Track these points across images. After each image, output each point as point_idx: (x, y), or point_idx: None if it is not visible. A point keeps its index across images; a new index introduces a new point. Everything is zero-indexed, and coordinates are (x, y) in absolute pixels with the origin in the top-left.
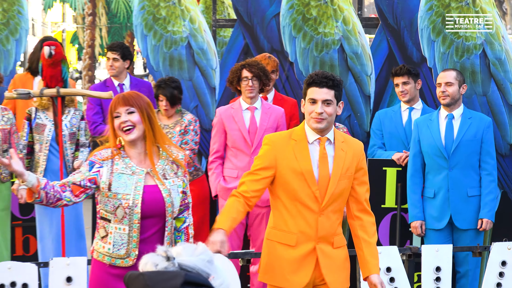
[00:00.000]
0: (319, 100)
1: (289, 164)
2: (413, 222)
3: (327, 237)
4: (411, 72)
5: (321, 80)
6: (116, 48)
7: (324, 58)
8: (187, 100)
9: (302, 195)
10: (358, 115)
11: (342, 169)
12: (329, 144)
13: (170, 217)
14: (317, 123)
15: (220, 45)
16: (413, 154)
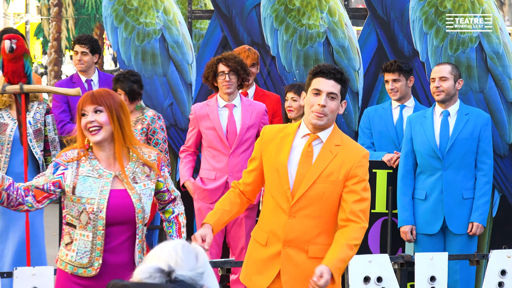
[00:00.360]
0: (324, 91)
1: (269, 157)
2: (403, 227)
3: (298, 243)
4: (403, 68)
5: (330, 71)
6: (85, 41)
7: (309, 52)
8: (161, 97)
9: (276, 192)
10: (345, 113)
11: (324, 171)
12: (319, 143)
13: (141, 223)
14: (317, 118)
15: (196, 38)
16: (405, 153)
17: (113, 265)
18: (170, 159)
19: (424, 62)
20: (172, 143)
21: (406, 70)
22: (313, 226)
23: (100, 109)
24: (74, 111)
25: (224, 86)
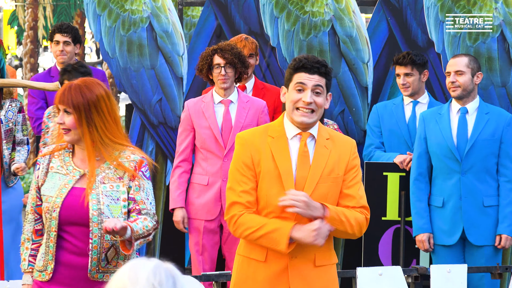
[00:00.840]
0: (308, 87)
1: (265, 165)
2: (419, 235)
3: (304, 252)
4: (416, 62)
5: (313, 65)
6: (67, 29)
7: (312, 42)
8: (149, 92)
9: (277, 201)
10: (353, 110)
11: (324, 170)
12: (311, 140)
13: (96, 227)
14: (304, 116)
15: (187, 26)
16: (418, 154)
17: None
18: (160, 161)
19: (440, 53)
20: (161, 143)
21: (420, 64)
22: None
23: (69, 110)
24: None
25: (219, 80)
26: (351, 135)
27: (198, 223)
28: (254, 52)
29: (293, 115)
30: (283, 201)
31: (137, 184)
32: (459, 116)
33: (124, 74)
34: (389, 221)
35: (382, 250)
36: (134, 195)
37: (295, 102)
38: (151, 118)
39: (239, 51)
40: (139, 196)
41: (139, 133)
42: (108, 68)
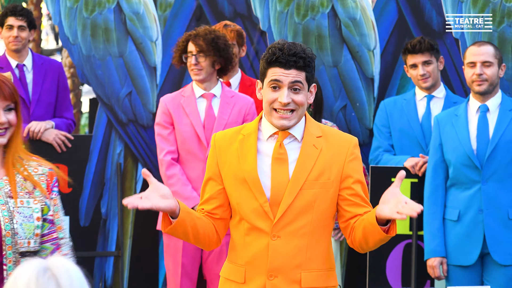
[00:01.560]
0: (284, 84)
1: (230, 169)
2: (430, 260)
3: (287, 270)
4: (434, 47)
5: (288, 59)
6: (22, 12)
7: (309, 26)
8: (116, 84)
9: (248, 210)
10: (356, 105)
11: (311, 173)
12: (292, 141)
13: (10, 250)
14: (284, 118)
15: (162, 7)
16: (434, 163)
17: None
18: (130, 165)
19: (458, 39)
20: (130, 144)
21: (437, 49)
22: (303, 246)
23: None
24: None
25: (191, 71)
26: (354, 134)
27: (175, 238)
28: (236, 41)
29: (272, 118)
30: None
31: (56, 204)
32: (479, 115)
33: (88, 63)
34: (398, 236)
35: (390, 270)
36: (53, 217)
37: (270, 102)
38: (119, 114)
39: (217, 36)
40: (58, 219)
41: (105, 132)
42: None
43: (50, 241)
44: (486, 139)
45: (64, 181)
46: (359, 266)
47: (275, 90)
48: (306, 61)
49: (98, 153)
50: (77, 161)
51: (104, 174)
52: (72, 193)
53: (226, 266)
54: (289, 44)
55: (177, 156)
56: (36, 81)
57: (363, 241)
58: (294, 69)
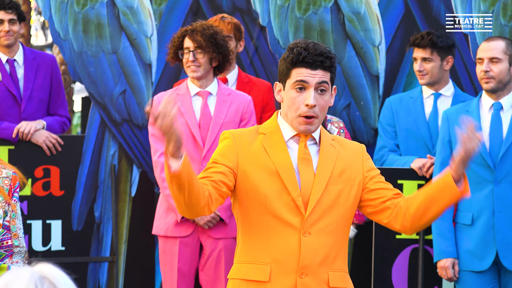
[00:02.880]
0: (311, 85)
1: (257, 161)
2: (441, 261)
3: (317, 268)
4: (437, 44)
5: (315, 58)
6: (12, 5)
7: (311, 21)
8: (110, 82)
9: (278, 204)
10: (361, 104)
11: (334, 169)
12: (313, 144)
13: None
14: (308, 124)
15: (157, 2)
16: (441, 161)
17: None
18: (124, 167)
19: (467, 35)
20: (125, 145)
21: (443, 47)
22: (331, 244)
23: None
24: None
25: (188, 68)
26: (358, 134)
27: (171, 242)
28: (233, 34)
29: (295, 123)
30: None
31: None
32: (492, 113)
33: (80, 60)
34: (405, 240)
35: (396, 275)
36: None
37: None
38: (113, 114)
39: (216, 32)
40: (14, 226)
41: (98, 133)
42: (60, 53)
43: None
44: (500, 139)
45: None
46: (364, 272)
47: (301, 92)
48: (332, 61)
49: (91, 154)
50: (69, 162)
51: (98, 176)
52: (64, 196)
53: (241, 267)
54: (313, 43)
55: None
56: (28, 76)
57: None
58: (321, 70)
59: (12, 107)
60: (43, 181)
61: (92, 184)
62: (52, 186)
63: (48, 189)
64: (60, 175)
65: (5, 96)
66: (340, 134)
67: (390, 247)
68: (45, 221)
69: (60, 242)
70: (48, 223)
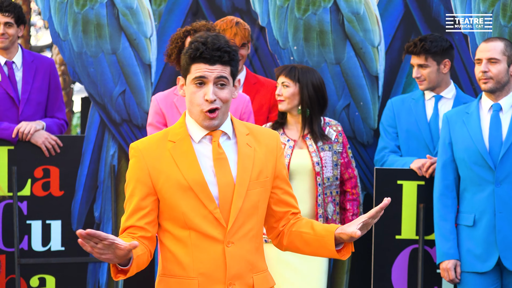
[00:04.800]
0: (210, 80)
1: (169, 178)
2: (443, 263)
3: (242, 276)
4: (430, 50)
5: (213, 54)
6: (9, 8)
7: (310, 21)
8: (109, 83)
9: (197, 219)
10: (360, 104)
11: (252, 172)
12: (227, 139)
13: None
14: (210, 119)
15: (157, 2)
16: (443, 163)
17: None
18: (124, 167)
19: (467, 35)
20: (125, 145)
21: (437, 52)
22: (253, 249)
23: None
24: None
25: None
26: (358, 135)
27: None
28: (247, 40)
29: (198, 118)
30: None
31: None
32: (491, 114)
33: (79, 60)
34: (404, 241)
35: (396, 276)
36: None
37: (198, 103)
38: (112, 114)
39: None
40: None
41: (98, 133)
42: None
43: None
44: (499, 140)
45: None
46: (364, 273)
47: (200, 87)
48: (231, 55)
49: (90, 155)
50: (69, 163)
51: (98, 177)
52: (64, 197)
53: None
54: (212, 37)
55: None
56: (26, 79)
57: (300, 250)
58: (219, 64)
59: (10, 110)
60: (43, 181)
61: (92, 184)
62: (52, 186)
63: (48, 189)
64: (59, 175)
65: (3, 98)
66: (338, 138)
67: (390, 247)
68: (45, 221)
69: (60, 242)
70: (48, 223)
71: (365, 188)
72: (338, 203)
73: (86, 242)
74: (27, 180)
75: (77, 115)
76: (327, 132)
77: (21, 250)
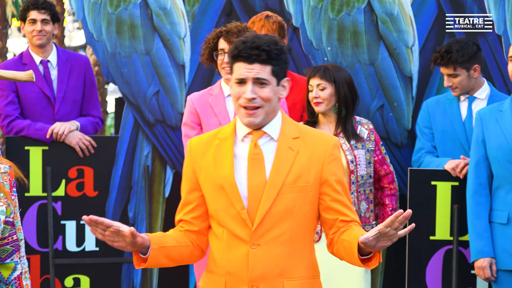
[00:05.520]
0: (248, 80)
1: (207, 175)
2: (478, 261)
3: (268, 279)
4: (458, 60)
5: (250, 52)
6: (45, 5)
7: (344, 22)
8: (143, 83)
9: (227, 218)
10: (394, 105)
11: (288, 176)
12: (269, 141)
13: None
14: (250, 115)
15: (190, 2)
16: (476, 161)
17: None
18: (158, 168)
19: (501, 36)
20: (158, 146)
21: (465, 61)
22: (284, 254)
23: None
24: (24, 102)
25: (224, 69)
26: (391, 135)
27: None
28: (277, 34)
29: (239, 115)
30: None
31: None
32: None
33: (113, 60)
34: (438, 241)
35: (430, 277)
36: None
37: (237, 98)
38: (146, 115)
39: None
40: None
41: (132, 134)
42: (93, 54)
43: (10, 243)
44: None
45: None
46: (398, 273)
47: (241, 85)
48: (270, 54)
49: (124, 155)
50: (103, 163)
51: (131, 177)
52: (98, 197)
53: (205, 276)
54: (255, 36)
55: None
56: (61, 77)
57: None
58: (258, 63)
59: (46, 108)
60: (77, 181)
61: (126, 185)
62: (86, 187)
63: (82, 189)
64: (94, 176)
65: (39, 97)
66: (370, 136)
67: (424, 248)
68: (79, 222)
69: (94, 242)
70: (82, 223)
71: (399, 189)
72: (371, 201)
73: (94, 229)
74: (61, 180)
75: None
76: (359, 130)
77: (56, 251)
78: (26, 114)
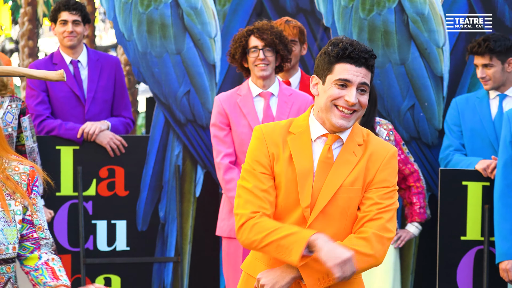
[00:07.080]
0: (354, 84)
1: (283, 166)
2: (503, 263)
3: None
4: (495, 50)
5: (361, 55)
6: (76, 6)
7: (375, 22)
8: (174, 83)
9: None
10: (425, 105)
11: (347, 178)
12: (340, 145)
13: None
14: (345, 118)
15: (221, 2)
16: (504, 161)
17: None
18: (188, 167)
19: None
20: (189, 145)
21: (501, 51)
22: None
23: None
24: (55, 102)
25: (257, 67)
26: (422, 135)
27: (235, 244)
28: (297, 38)
29: (330, 115)
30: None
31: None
32: None
33: (144, 60)
34: (469, 242)
35: (461, 277)
36: (32, 217)
37: (335, 98)
38: (177, 114)
39: (280, 30)
40: (37, 219)
41: (163, 133)
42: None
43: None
44: None
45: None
46: (429, 273)
47: (342, 88)
48: (374, 61)
49: (155, 155)
50: (134, 163)
51: (162, 177)
52: (129, 197)
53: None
54: (356, 41)
55: (235, 158)
56: (92, 77)
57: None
58: (364, 68)
59: (76, 108)
60: (108, 181)
61: (156, 185)
62: (117, 187)
63: (113, 189)
64: (124, 176)
65: (69, 97)
66: (390, 136)
67: (455, 248)
68: (110, 221)
69: (125, 242)
70: (113, 223)
71: (429, 189)
72: None
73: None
74: (92, 180)
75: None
76: (378, 131)
77: (87, 250)
78: (56, 113)
